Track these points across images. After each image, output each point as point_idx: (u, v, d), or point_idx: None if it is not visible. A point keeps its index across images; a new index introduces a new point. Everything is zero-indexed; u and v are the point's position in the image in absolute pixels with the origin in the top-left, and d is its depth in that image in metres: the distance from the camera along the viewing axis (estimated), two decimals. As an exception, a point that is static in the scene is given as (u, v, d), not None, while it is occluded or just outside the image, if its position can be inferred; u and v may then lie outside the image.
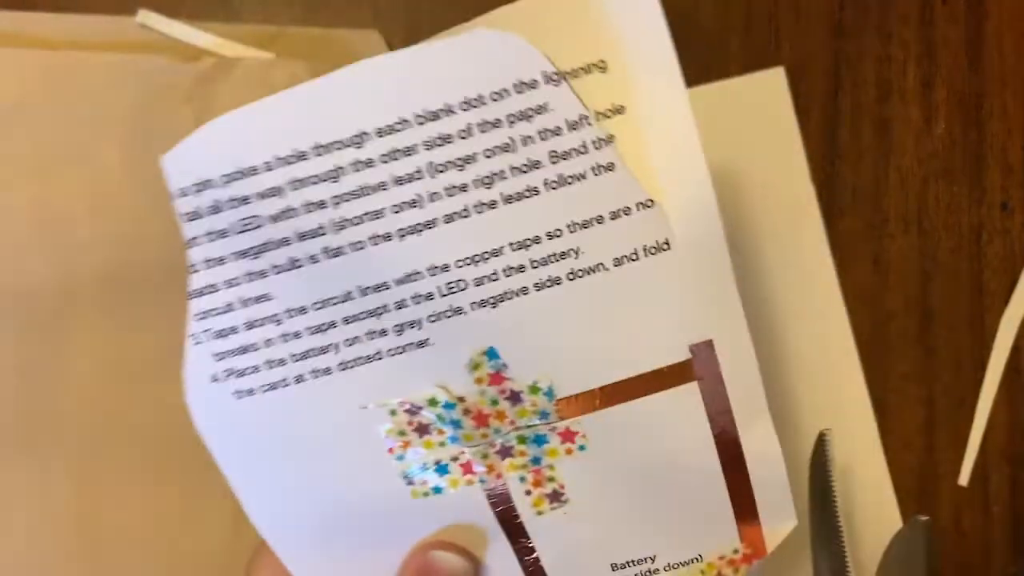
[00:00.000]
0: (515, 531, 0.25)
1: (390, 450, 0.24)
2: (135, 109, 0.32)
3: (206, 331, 0.23)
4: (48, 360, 0.31)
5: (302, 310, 0.22)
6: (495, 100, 0.21)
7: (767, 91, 0.33)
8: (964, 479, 0.33)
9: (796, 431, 0.32)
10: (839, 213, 0.33)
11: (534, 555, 0.25)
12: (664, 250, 0.22)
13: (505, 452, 0.24)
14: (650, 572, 0.26)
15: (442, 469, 0.24)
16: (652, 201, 0.22)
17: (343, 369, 0.23)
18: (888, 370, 0.33)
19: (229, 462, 0.24)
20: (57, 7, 0.33)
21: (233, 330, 0.23)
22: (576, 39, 0.21)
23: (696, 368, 0.23)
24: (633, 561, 0.26)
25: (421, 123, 0.21)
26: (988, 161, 0.33)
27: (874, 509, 0.33)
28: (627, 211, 0.22)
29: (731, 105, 0.33)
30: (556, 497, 0.25)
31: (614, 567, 0.26)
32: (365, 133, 0.21)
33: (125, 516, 0.31)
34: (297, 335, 0.23)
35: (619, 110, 0.22)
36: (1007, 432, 0.33)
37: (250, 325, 0.23)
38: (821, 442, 0.28)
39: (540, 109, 0.21)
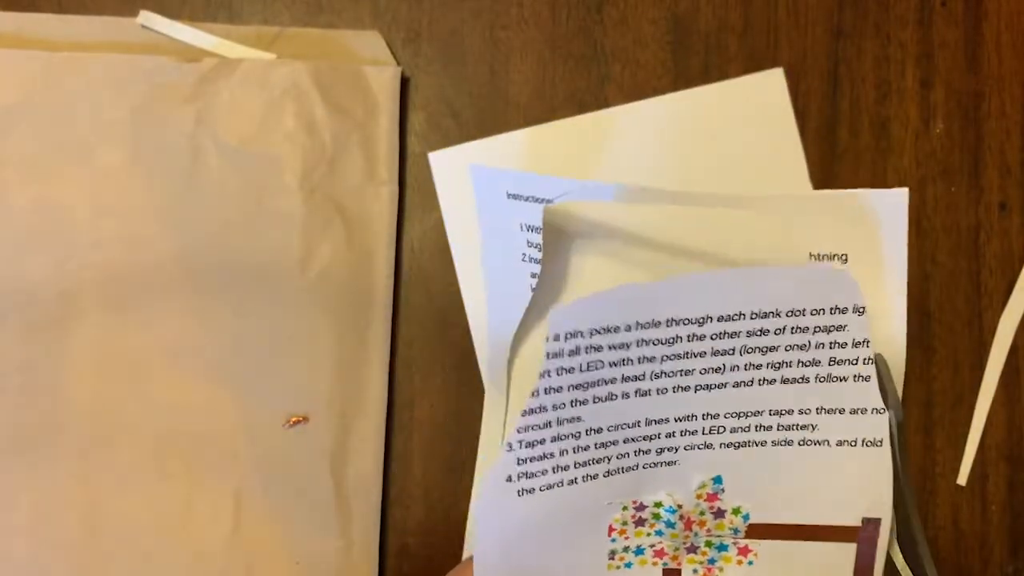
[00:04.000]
0: None
1: (609, 533, 0.29)
2: (136, 109, 0.32)
3: (520, 441, 0.27)
4: (49, 359, 0.31)
5: (598, 430, 0.27)
6: (812, 314, 0.26)
7: (766, 92, 0.33)
8: (962, 478, 0.33)
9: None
10: (838, 213, 0.33)
11: None
12: (877, 446, 0.29)
13: (692, 549, 0.30)
14: None
15: (639, 551, 0.30)
16: (884, 409, 0.28)
17: (607, 475, 0.28)
18: (887, 370, 0.33)
19: (484, 542, 0.28)
20: (59, 8, 0.34)
21: (541, 442, 0.27)
22: (832, 232, 0.27)
23: (860, 534, 0.30)
24: None
25: (752, 317, 0.26)
26: (986, 161, 0.33)
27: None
28: (863, 411, 0.28)
29: (731, 105, 0.33)
30: None
31: None
32: (709, 316, 0.26)
33: (126, 514, 0.31)
34: (586, 448, 0.27)
35: None
36: (1005, 432, 0.33)
37: (555, 439, 0.27)
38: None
39: (839, 328, 0.26)
